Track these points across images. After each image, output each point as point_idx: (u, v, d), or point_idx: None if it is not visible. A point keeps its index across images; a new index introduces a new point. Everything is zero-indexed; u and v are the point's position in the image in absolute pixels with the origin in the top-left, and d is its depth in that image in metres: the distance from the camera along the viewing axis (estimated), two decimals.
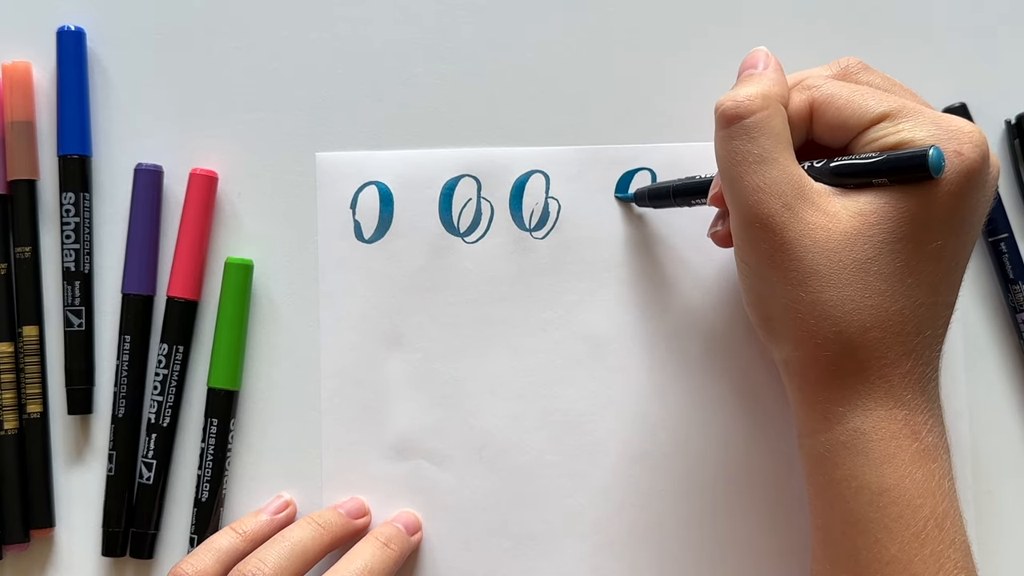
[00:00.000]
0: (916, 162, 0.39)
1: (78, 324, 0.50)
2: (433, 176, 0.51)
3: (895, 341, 0.40)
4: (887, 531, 0.40)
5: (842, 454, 0.41)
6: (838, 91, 0.42)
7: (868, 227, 0.40)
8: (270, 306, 0.51)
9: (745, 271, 0.43)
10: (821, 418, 0.41)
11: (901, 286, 0.40)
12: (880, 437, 0.40)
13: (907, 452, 0.40)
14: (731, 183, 0.42)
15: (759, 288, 0.42)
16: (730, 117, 0.41)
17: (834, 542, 0.41)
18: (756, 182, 0.41)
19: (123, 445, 0.50)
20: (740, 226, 0.42)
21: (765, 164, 0.41)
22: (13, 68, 0.51)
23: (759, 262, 0.41)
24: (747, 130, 0.41)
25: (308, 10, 0.51)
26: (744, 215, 0.41)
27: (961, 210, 0.40)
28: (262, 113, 0.51)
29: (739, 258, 0.43)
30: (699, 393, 0.50)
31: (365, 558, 0.46)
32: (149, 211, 0.50)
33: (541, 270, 0.51)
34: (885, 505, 0.40)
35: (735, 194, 0.41)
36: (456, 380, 0.50)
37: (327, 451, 0.50)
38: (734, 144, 0.41)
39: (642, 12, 0.51)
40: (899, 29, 0.51)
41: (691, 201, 0.47)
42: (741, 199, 0.41)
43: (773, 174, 0.41)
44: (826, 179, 0.41)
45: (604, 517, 0.50)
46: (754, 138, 0.41)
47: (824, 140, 0.43)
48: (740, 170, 0.41)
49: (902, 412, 0.40)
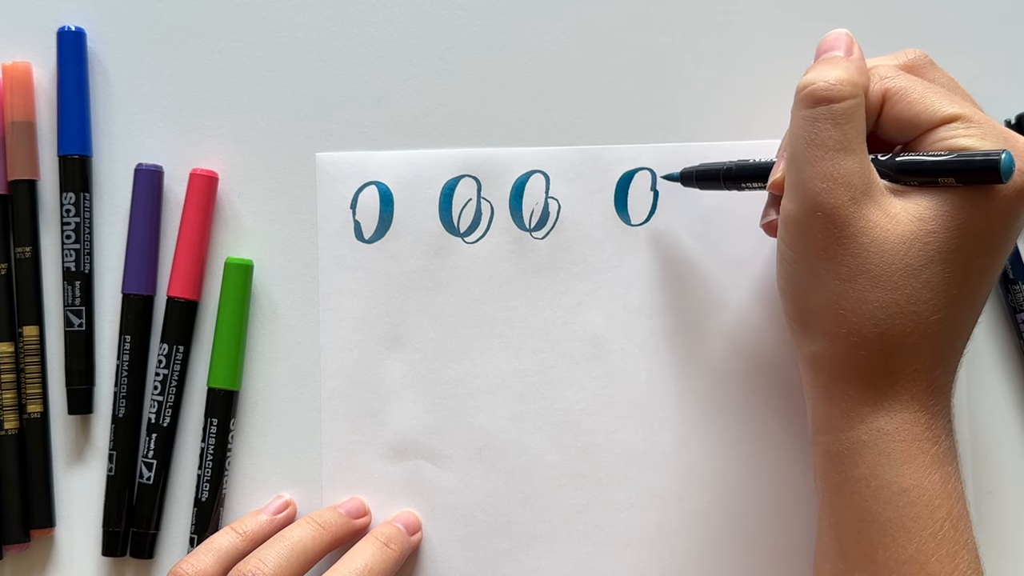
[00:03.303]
0: (988, 165, 0.39)
1: (78, 324, 0.50)
2: (433, 176, 0.51)
3: (931, 349, 0.40)
4: (905, 531, 0.40)
5: (863, 452, 0.41)
6: (911, 85, 0.42)
7: (925, 234, 0.39)
8: (270, 306, 0.51)
9: (790, 259, 0.42)
10: (843, 415, 0.41)
11: (946, 297, 0.40)
12: (903, 438, 0.40)
13: (927, 455, 0.40)
14: (802, 167, 0.40)
15: (803, 279, 0.41)
16: (820, 98, 0.40)
17: (849, 540, 0.41)
18: (829, 170, 0.39)
19: (123, 445, 0.50)
20: (799, 213, 0.40)
21: (843, 153, 0.40)
22: (13, 68, 0.51)
23: (811, 253, 0.40)
24: (834, 115, 0.40)
25: (308, 10, 0.51)
26: (808, 202, 0.40)
27: (1011, 228, 0.41)
28: (262, 113, 0.51)
29: (786, 245, 0.42)
30: (699, 393, 0.50)
31: (365, 558, 0.46)
32: (149, 211, 0.51)
33: (541, 270, 0.51)
34: (904, 505, 0.40)
35: (803, 179, 0.40)
36: (456, 380, 0.50)
37: (327, 451, 0.50)
38: (817, 127, 0.40)
39: (642, 12, 0.51)
40: (900, 29, 0.51)
41: (742, 185, 0.46)
42: (809, 184, 0.40)
43: (849, 165, 0.40)
44: (890, 175, 0.41)
45: (604, 517, 0.50)
46: (840, 124, 0.40)
47: (889, 133, 0.42)
48: (816, 154, 0.40)
49: (925, 416, 0.41)
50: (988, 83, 0.51)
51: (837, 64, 0.41)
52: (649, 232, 0.50)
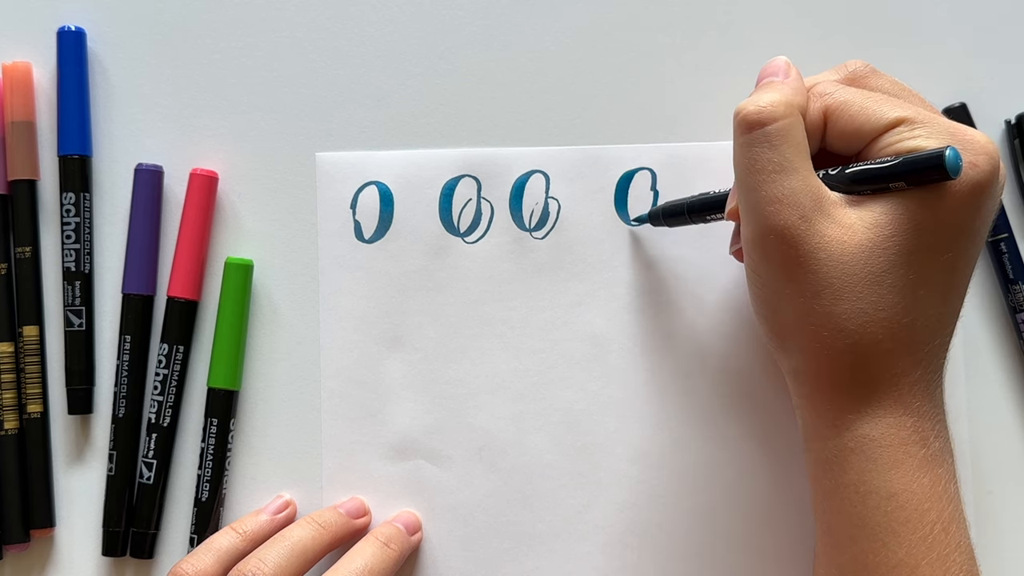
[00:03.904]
0: (933, 163, 0.39)
1: (78, 324, 0.50)
2: (433, 176, 0.51)
3: (906, 351, 0.40)
4: (894, 535, 0.40)
5: (850, 459, 0.41)
6: (851, 98, 0.42)
7: (883, 239, 0.40)
8: (270, 306, 0.51)
9: (756, 282, 0.42)
10: (829, 425, 0.41)
11: (913, 298, 0.40)
12: (889, 443, 0.40)
13: (915, 458, 0.40)
14: (748, 192, 0.41)
15: (770, 299, 0.42)
16: (752, 123, 0.40)
17: (840, 546, 0.41)
18: (774, 192, 0.40)
19: (123, 445, 0.50)
20: (755, 237, 0.41)
21: (785, 173, 0.40)
22: (13, 68, 0.51)
23: (772, 274, 0.41)
24: (769, 137, 0.40)
25: (308, 10, 0.51)
26: (760, 226, 0.40)
27: (973, 220, 0.40)
28: (262, 113, 0.51)
29: (750, 269, 0.42)
30: (699, 393, 0.50)
31: (365, 557, 0.46)
32: (149, 211, 0.51)
33: (541, 270, 0.51)
34: (893, 510, 0.40)
35: (752, 204, 0.41)
36: (456, 380, 0.50)
37: (327, 451, 0.50)
38: (754, 152, 0.40)
39: (642, 12, 0.51)
40: (899, 29, 0.51)
41: (707, 217, 0.47)
42: (758, 209, 0.40)
43: (792, 184, 0.40)
44: (842, 187, 0.41)
45: (604, 517, 0.50)
46: (775, 146, 0.40)
47: (837, 147, 0.42)
48: (759, 179, 0.40)
49: (911, 419, 0.41)
50: (988, 83, 0.51)
51: (770, 87, 0.42)
52: (649, 232, 0.50)
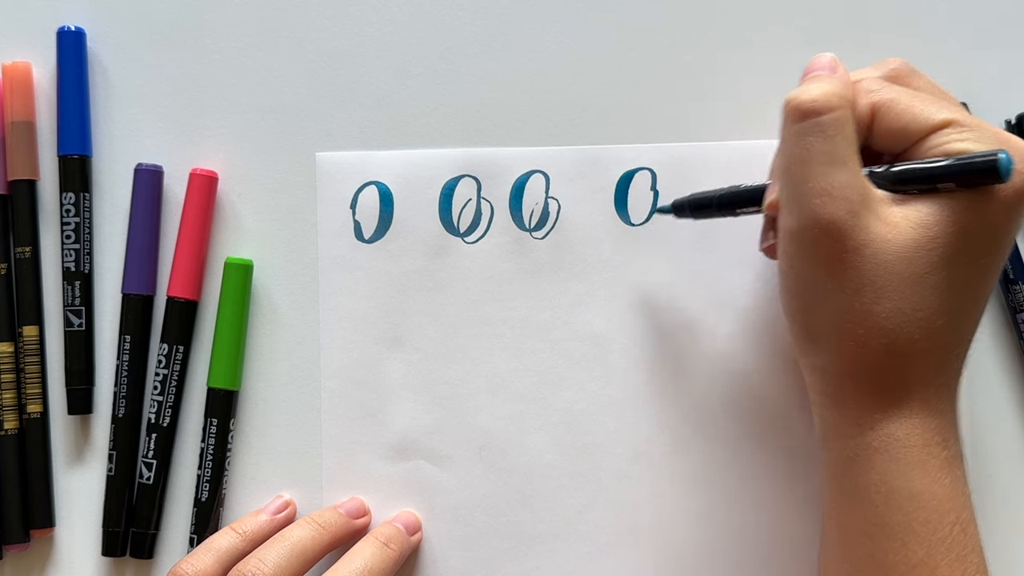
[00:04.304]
0: (987, 166, 0.38)
1: (78, 324, 0.50)
2: (433, 176, 0.51)
3: (939, 353, 0.40)
4: (915, 535, 0.40)
5: (873, 459, 0.40)
6: (898, 96, 0.41)
7: (928, 240, 0.39)
8: (270, 306, 0.51)
9: (792, 277, 0.41)
10: (853, 423, 0.41)
11: (951, 300, 0.40)
12: (913, 444, 0.40)
13: (937, 459, 0.40)
14: (795, 183, 0.40)
15: (804, 295, 0.41)
16: (806, 111, 0.39)
17: (856, 545, 0.41)
18: (824, 184, 0.39)
19: (123, 445, 0.50)
20: (798, 229, 0.40)
21: (835, 166, 0.39)
22: (13, 68, 0.51)
23: (811, 269, 0.40)
24: (823, 127, 0.39)
25: (308, 10, 0.51)
26: (805, 218, 0.39)
27: (1012, 226, 0.40)
28: (262, 113, 0.51)
29: (787, 263, 0.41)
30: (699, 393, 0.50)
31: (365, 557, 0.46)
32: (149, 211, 0.51)
33: (541, 270, 0.51)
34: (914, 510, 0.40)
35: (798, 195, 0.40)
36: (456, 380, 0.50)
37: (327, 451, 0.50)
38: (807, 141, 0.39)
39: (642, 12, 0.51)
40: (899, 29, 0.51)
41: (736, 211, 0.46)
42: (804, 201, 0.39)
43: (842, 178, 0.39)
44: (887, 185, 0.40)
45: (604, 517, 0.50)
46: (830, 137, 0.39)
47: (880, 145, 0.42)
48: (809, 170, 0.39)
49: (935, 420, 0.41)
50: (988, 83, 0.51)
51: (821, 79, 0.41)
52: (649, 232, 0.50)
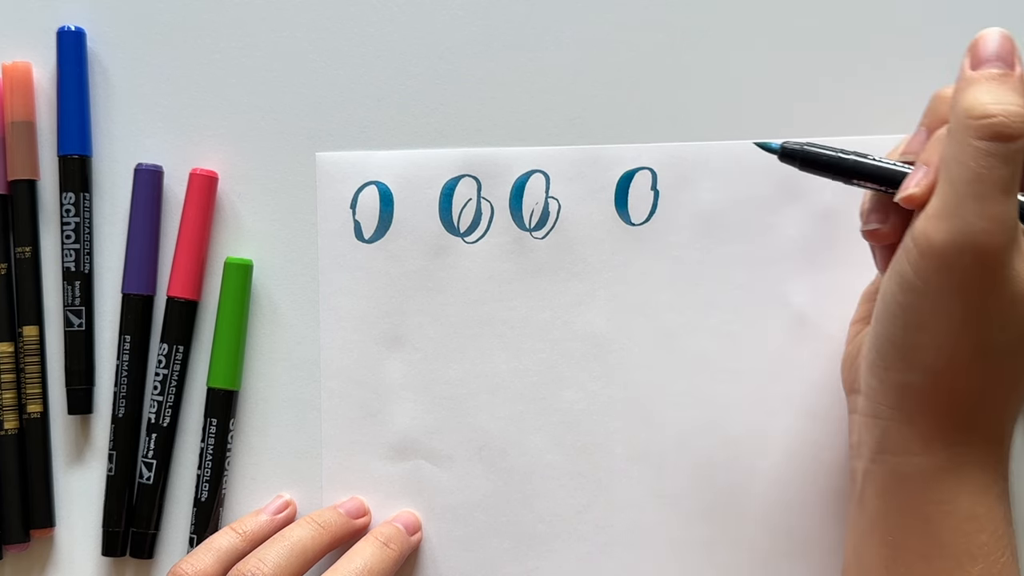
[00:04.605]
0: None
1: (78, 324, 0.50)
2: (433, 176, 0.51)
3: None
4: (972, 559, 0.39)
5: (938, 477, 0.40)
6: None
7: None
8: (270, 306, 0.51)
9: (916, 290, 0.39)
10: (923, 440, 0.40)
11: None
12: (981, 467, 0.40)
13: (999, 486, 0.40)
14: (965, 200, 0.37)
15: (924, 312, 0.39)
16: (1002, 135, 0.37)
17: (908, 564, 0.40)
18: (994, 210, 0.37)
19: (123, 445, 0.50)
20: (949, 247, 0.37)
21: (1009, 194, 0.37)
22: (13, 68, 0.51)
23: (948, 290, 0.38)
24: (1008, 153, 0.37)
25: (308, 10, 0.51)
26: (964, 239, 0.37)
27: None
28: (262, 113, 0.51)
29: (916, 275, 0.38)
30: (699, 393, 0.50)
31: (364, 557, 0.46)
32: (149, 211, 0.51)
33: (541, 270, 0.50)
34: (973, 532, 0.39)
35: (964, 213, 0.37)
36: (456, 380, 0.50)
37: (327, 451, 0.50)
38: (989, 162, 0.37)
39: (642, 12, 0.51)
40: (900, 28, 0.51)
41: (853, 181, 0.42)
42: (970, 220, 0.37)
43: (1011, 208, 0.37)
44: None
45: (604, 517, 0.50)
46: (1011, 163, 0.37)
47: None
48: (984, 190, 0.37)
49: (1003, 450, 0.40)
50: None
51: (1009, 89, 0.38)
52: (649, 232, 0.50)
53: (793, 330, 0.49)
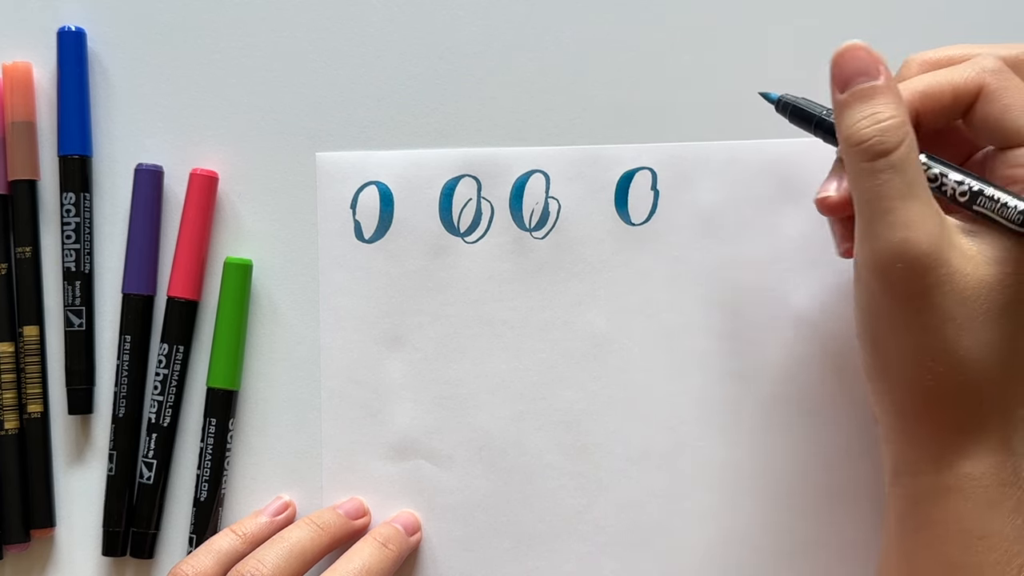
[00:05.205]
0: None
1: (78, 324, 0.50)
2: (433, 176, 0.51)
3: (1017, 390, 0.39)
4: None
5: (947, 497, 0.40)
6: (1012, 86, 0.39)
7: (1004, 276, 0.38)
8: (270, 306, 0.51)
9: (871, 311, 0.40)
10: (929, 460, 0.40)
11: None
12: (990, 484, 0.39)
13: (1012, 500, 0.39)
14: (874, 219, 0.38)
15: (882, 330, 0.40)
16: (876, 153, 0.38)
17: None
18: (904, 218, 0.37)
19: (123, 445, 0.50)
20: (881, 263, 0.38)
21: (914, 197, 0.38)
22: (13, 68, 0.51)
23: (893, 305, 0.39)
24: (895, 165, 0.38)
25: (308, 10, 0.51)
26: (887, 254, 0.38)
27: None
28: (262, 113, 0.51)
29: (866, 298, 0.40)
30: (699, 393, 0.50)
31: (363, 558, 0.46)
32: (149, 211, 0.51)
33: (541, 270, 0.50)
34: (985, 551, 0.39)
35: (878, 231, 0.38)
36: (456, 380, 0.50)
37: (327, 451, 0.50)
38: (881, 179, 0.38)
39: (642, 12, 0.51)
40: (900, 28, 0.51)
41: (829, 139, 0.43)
42: (889, 234, 0.38)
43: (921, 210, 0.38)
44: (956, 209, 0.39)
45: (604, 517, 0.50)
46: (902, 171, 0.38)
47: (972, 131, 0.40)
48: (886, 205, 0.38)
49: (1011, 460, 0.40)
50: None
51: (876, 99, 0.39)
52: (649, 232, 0.50)
53: (793, 330, 0.49)
